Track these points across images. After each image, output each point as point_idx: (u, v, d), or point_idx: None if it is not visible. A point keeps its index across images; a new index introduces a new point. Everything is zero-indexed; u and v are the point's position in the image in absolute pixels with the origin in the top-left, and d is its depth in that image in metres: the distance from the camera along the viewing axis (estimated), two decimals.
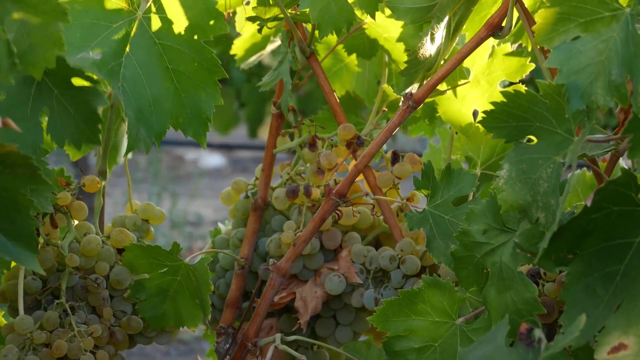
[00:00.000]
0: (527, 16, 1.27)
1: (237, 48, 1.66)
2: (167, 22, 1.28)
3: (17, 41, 1.07)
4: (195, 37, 1.28)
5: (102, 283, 1.38)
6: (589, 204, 1.02)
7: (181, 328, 1.42)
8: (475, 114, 1.50)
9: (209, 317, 1.41)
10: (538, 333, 0.98)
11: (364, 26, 1.53)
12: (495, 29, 1.28)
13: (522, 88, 1.11)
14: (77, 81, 1.25)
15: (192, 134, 1.31)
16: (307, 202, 1.45)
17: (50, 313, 1.34)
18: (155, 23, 1.28)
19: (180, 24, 1.28)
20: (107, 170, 1.44)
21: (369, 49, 1.55)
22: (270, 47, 1.67)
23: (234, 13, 1.61)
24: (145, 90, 1.29)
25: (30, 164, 1.09)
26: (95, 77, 1.25)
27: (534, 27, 1.08)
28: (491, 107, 1.11)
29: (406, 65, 1.34)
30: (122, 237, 1.41)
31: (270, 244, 1.47)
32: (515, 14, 1.27)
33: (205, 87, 1.30)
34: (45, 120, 1.25)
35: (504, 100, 1.10)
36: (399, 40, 1.45)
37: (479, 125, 1.43)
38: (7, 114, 1.22)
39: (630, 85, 1.02)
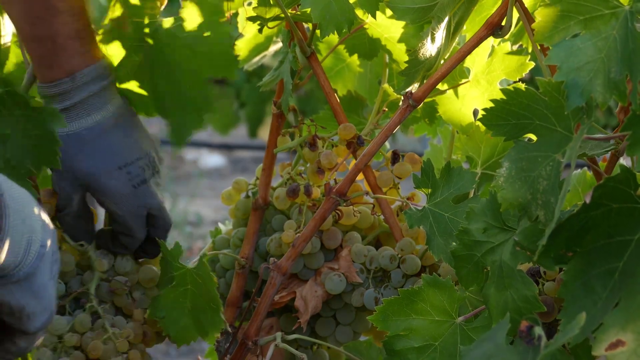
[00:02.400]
0: (526, 15, 1.27)
1: (240, 49, 1.66)
2: None
3: None
4: None
5: (128, 284, 1.39)
6: (587, 201, 1.02)
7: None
8: (475, 113, 1.50)
9: (222, 308, 1.41)
10: (538, 331, 0.98)
11: (365, 26, 1.53)
12: (494, 28, 1.28)
13: (522, 86, 1.11)
14: (35, 102, 1.25)
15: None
16: (308, 202, 1.45)
17: (83, 316, 1.35)
18: None
19: None
20: None
21: (369, 49, 1.55)
22: (273, 47, 1.67)
23: (236, 14, 1.61)
24: None
25: None
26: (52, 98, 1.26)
27: (534, 25, 1.08)
28: (491, 105, 1.11)
29: (407, 65, 1.34)
30: None
31: (270, 244, 1.47)
32: (515, 14, 1.27)
33: None
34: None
35: (504, 97, 1.10)
36: (400, 40, 1.45)
37: (479, 124, 1.44)
38: None
39: (629, 82, 1.02)
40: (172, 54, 1.45)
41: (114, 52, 1.46)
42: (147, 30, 1.44)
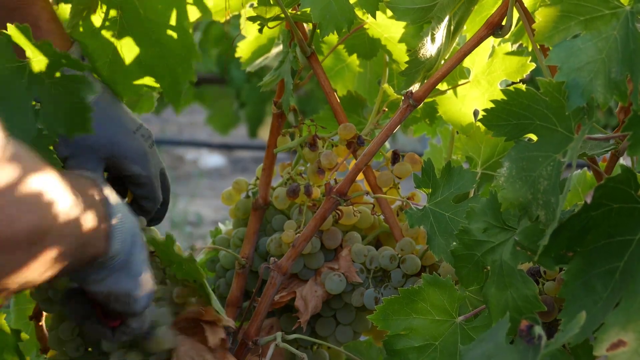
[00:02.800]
0: (526, 15, 1.27)
1: (242, 51, 1.66)
2: None
3: None
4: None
5: None
6: (588, 201, 1.02)
7: None
8: (475, 113, 1.50)
9: (212, 300, 1.41)
10: (538, 330, 0.98)
11: (365, 26, 1.53)
12: (495, 28, 1.28)
13: (523, 86, 1.11)
14: (68, 70, 1.25)
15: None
16: (308, 202, 1.45)
17: None
18: None
19: None
20: None
21: (369, 49, 1.55)
22: (275, 49, 1.67)
23: (238, 16, 1.61)
24: None
25: None
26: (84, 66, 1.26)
27: (534, 25, 1.08)
28: (491, 105, 1.11)
29: (407, 65, 1.34)
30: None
31: (270, 243, 1.47)
32: (516, 14, 1.27)
33: None
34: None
35: (505, 98, 1.10)
36: (401, 41, 1.45)
37: (480, 125, 1.44)
38: (1, 104, 1.23)
39: (630, 82, 1.02)
40: (145, 12, 1.44)
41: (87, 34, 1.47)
42: None
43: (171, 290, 1.38)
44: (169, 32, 1.45)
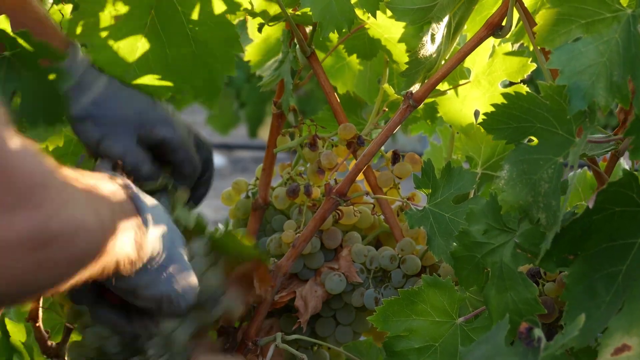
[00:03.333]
0: (527, 16, 1.27)
1: (250, 54, 1.65)
2: None
3: None
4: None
5: None
6: (591, 205, 1.02)
7: None
8: (476, 114, 1.50)
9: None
10: (538, 332, 0.98)
11: (366, 27, 1.53)
12: (495, 28, 1.28)
13: (523, 89, 1.11)
14: (44, 62, 1.25)
15: None
16: (308, 202, 1.45)
17: None
18: None
19: None
20: None
21: (369, 49, 1.55)
22: None
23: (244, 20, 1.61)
24: None
25: None
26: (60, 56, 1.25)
27: (535, 28, 1.08)
28: (492, 108, 1.11)
29: (407, 66, 1.34)
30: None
31: (270, 243, 1.47)
32: (516, 14, 1.27)
33: None
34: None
35: (505, 101, 1.10)
36: (400, 41, 1.45)
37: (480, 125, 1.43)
38: None
39: (632, 85, 1.02)
40: (183, 9, 1.42)
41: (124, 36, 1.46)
42: None
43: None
44: (209, 26, 1.42)
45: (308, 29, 1.48)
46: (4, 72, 1.24)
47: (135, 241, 1.11)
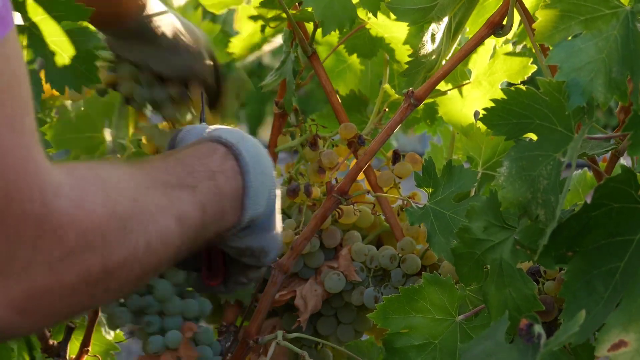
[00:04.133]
0: (526, 15, 1.27)
1: (235, 47, 1.66)
2: None
3: None
4: None
5: None
6: (589, 201, 1.02)
7: None
8: (475, 114, 1.50)
9: None
10: (538, 329, 0.98)
11: (367, 26, 1.53)
12: (496, 27, 1.28)
13: (523, 85, 1.11)
14: (66, 24, 1.25)
15: None
16: (308, 202, 1.45)
17: None
18: None
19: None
20: None
21: (369, 48, 1.56)
22: (268, 46, 1.68)
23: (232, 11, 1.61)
24: None
25: None
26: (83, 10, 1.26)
27: (534, 25, 1.08)
28: (492, 104, 1.12)
29: (407, 66, 1.34)
30: None
31: None
32: (516, 14, 1.27)
33: None
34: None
35: (505, 97, 1.10)
36: (405, 43, 1.45)
37: (480, 125, 1.44)
38: None
39: (630, 82, 1.03)
40: None
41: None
42: None
43: None
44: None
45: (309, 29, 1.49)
46: (27, 42, 1.24)
47: (234, 206, 1.13)
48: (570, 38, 1.06)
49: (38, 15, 1.23)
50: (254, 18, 1.45)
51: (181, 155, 1.12)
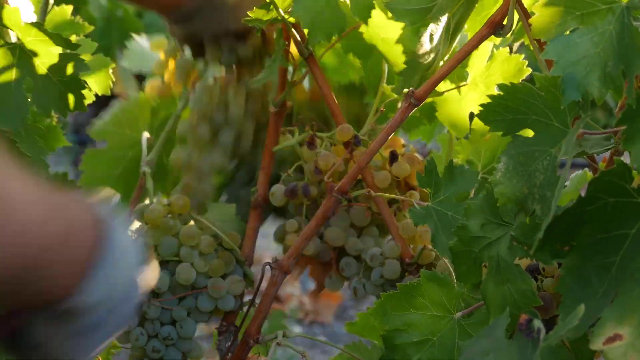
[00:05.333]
0: (523, 11, 1.28)
1: None
2: None
3: None
4: None
5: None
6: (583, 194, 1.02)
7: None
8: (470, 116, 1.51)
9: None
10: (537, 324, 0.99)
11: (360, 29, 1.53)
12: (496, 27, 1.28)
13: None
14: (57, 49, 1.26)
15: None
16: (306, 202, 1.46)
17: None
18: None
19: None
20: None
21: (364, 49, 1.56)
22: None
23: None
24: None
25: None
26: (73, 41, 1.26)
27: (531, 20, 1.09)
28: (488, 101, 1.12)
29: (405, 66, 1.35)
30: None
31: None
32: (516, 13, 1.28)
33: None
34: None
35: (501, 93, 1.11)
36: (398, 42, 1.45)
37: (480, 129, 1.44)
38: None
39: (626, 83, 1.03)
40: None
41: None
42: None
43: None
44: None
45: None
46: (16, 61, 1.25)
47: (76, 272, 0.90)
48: (566, 33, 1.07)
49: (30, 35, 1.25)
50: (250, 22, 1.46)
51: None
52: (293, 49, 1.48)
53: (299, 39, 1.44)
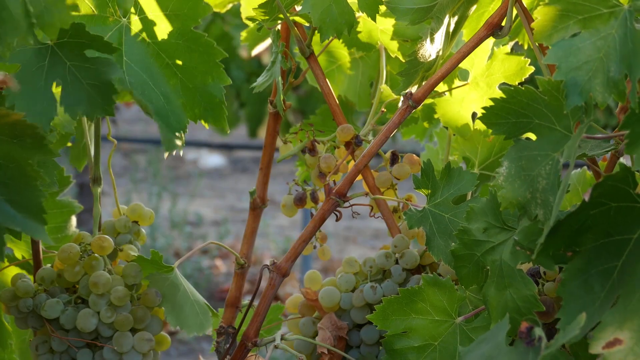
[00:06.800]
0: (525, 14, 1.27)
1: (247, 38, 1.68)
2: (151, 22, 1.29)
3: (33, 1, 1.09)
4: (183, 25, 1.28)
5: None
6: (586, 198, 1.02)
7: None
8: (473, 116, 1.50)
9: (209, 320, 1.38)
10: (538, 331, 0.98)
11: (359, 19, 1.52)
12: (495, 28, 1.28)
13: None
14: (91, 52, 1.25)
15: (212, 121, 1.32)
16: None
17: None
18: (142, 25, 1.29)
19: (164, 19, 1.28)
20: (101, 176, 1.44)
21: (367, 42, 1.55)
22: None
23: (237, 14, 1.60)
24: (155, 92, 1.29)
25: (37, 134, 1.09)
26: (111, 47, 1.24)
27: (533, 24, 1.08)
28: (491, 104, 1.12)
29: (405, 65, 1.34)
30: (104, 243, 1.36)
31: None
32: (515, 13, 1.27)
33: (210, 71, 1.30)
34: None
35: (504, 96, 1.10)
36: (394, 34, 1.44)
37: (477, 127, 1.43)
38: (21, 85, 1.22)
39: (628, 81, 1.02)
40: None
41: None
42: None
43: None
44: (184, 47, 1.34)
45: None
46: (48, 61, 1.23)
47: None
48: (568, 37, 1.06)
49: (64, 37, 1.23)
50: (251, 19, 1.45)
51: None
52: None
53: (300, 37, 1.43)
